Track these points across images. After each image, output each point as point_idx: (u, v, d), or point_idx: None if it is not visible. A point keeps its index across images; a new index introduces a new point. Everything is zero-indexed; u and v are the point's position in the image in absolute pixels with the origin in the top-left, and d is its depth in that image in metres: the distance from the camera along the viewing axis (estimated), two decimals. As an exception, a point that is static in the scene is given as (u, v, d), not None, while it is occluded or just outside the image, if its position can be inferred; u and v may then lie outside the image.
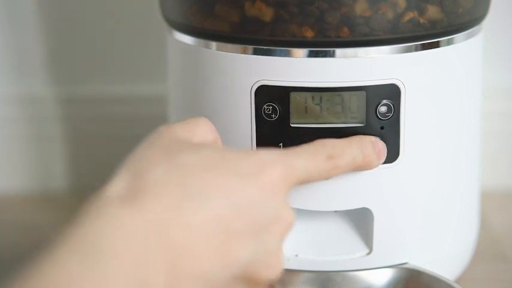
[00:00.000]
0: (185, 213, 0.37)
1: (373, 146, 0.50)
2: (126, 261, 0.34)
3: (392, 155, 0.52)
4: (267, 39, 0.51)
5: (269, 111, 0.52)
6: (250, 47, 0.51)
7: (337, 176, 0.47)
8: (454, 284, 0.53)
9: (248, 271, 0.39)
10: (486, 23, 0.58)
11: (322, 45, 0.50)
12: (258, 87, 0.51)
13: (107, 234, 0.35)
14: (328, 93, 0.51)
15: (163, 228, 0.36)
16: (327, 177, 0.46)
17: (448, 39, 0.53)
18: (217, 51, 0.53)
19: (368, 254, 0.55)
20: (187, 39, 0.55)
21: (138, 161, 0.39)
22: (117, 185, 0.38)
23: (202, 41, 0.54)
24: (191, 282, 0.37)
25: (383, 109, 0.51)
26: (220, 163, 0.40)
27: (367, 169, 0.50)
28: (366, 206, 0.53)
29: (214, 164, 0.39)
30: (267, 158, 0.41)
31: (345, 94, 0.51)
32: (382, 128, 0.52)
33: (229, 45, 0.52)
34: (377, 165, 0.51)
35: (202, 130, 0.44)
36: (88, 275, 0.33)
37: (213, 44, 0.53)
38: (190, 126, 0.44)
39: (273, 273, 0.40)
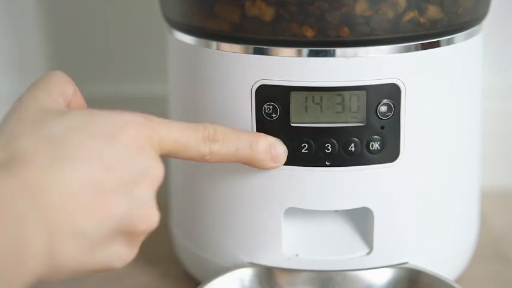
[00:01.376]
0: (57, 175, 0.39)
1: (269, 147, 0.51)
2: (1, 222, 0.36)
3: (392, 155, 0.52)
4: (267, 38, 0.51)
5: (269, 110, 0.52)
6: (251, 47, 0.51)
7: (218, 162, 0.49)
8: (454, 284, 0.53)
9: (124, 225, 0.41)
10: (486, 23, 0.58)
11: (322, 44, 0.50)
12: (259, 86, 0.51)
13: None
14: (328, 92, 0.51)
15: (38, 190, 0.38)
16: (202, 159, 0.48)
17: (448, 39, 0.53)
18: (218, 51, 0.53)
19: (368, 253, 0.55)
20: (187, 39, 0.55)
21: (6, 133, 0.41)
22: None
23: (202, 41, 0.54)
24: (70, 239, 0.39)
25: (383, 109, 0.51)
26: (86, 126, 0.41)
27: (258, 167, 0.51)
28: (366, 206, 0.53)
29: (81, 127, 0.41)
30: (131, 119, 0.43)
31: (345, 94, 0.51)
32: (382, 127, 0.52)
33: (230, 45, 0.52)
34: (271, 168, 0.51)
35: (59, 85, 0.46)
36: None
37: (213, 44, 0.53)
38: (49, 89, 0.45)
39: (147, 224, 0.42)
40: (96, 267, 0.41)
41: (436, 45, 0.52)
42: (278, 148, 0.51)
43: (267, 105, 0.51)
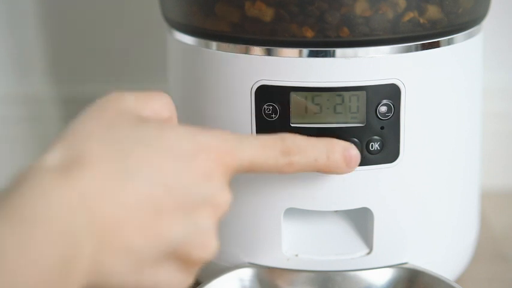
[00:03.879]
0: (116, 187, 0.37)
1: (343, 152, 0.49)
2: (52, 229, 0.35)
3: (392, 155, 0.52)
4: (267, 39, 0.51)
5: (269, 111, 0.52)
6: (251, 47, 0.51)
7: (295, 172, 0.47)
8: (454, 284, 0.53)
9: (180, 250, 0.40)
10: (486, 23, 0.58)
11: (322, 45, 0.50)
12: (258, 87, 0.51)
13: (36, 204, 0.35)
14: (328, 93, 0.51)
15: (93, 200, 0.36)
16: (280, 172, 0.46)
17: (448, 39, 0.53)
18: (218, 51, 0.53)
19: (368, 253, 0.55)
20: (187, 39, 0.55)
21: (77, 132, 0.39)
22: (53, 155, 0.38)
23: (202, 41, 0.54)
24: (118, 256, 0.37)
25: (383, 109, 0.51)
26: (158, 142, 0.40)
27: (333, 173, 0.50)
28: (366, 206, 0.53)
29: (151, 142, 0.40)
30: (205, 142, 0.41)
31: (345, 94, 0.51)
32: (382, 128, 0.52)
33: (230, 45, 0.52)
34: (347, 172, 0.50)
35: (156, 104, 0.44)
36: (12, 238, 0.34)
37: (213, 44, 0.53)
38: (144, 98, 0.44)
39: (205, 253, 0.41)
40: None
41: (436, 45, 0.52)
42: (351, 152, 0.49)
43: (267, 105, 0.51)
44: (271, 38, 0.50)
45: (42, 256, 0.34)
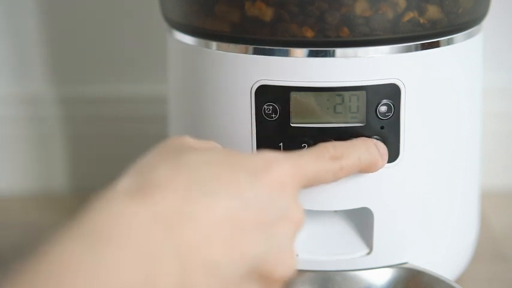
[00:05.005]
0: (195, 207, 0.37)
1: (376, 146, 0.50)
2: (135, 251, 0.35)
3: (392, 155, 0.52)
4: (267, 39, 0.51)
5: (269, 111, 0.52)
6: (251, 47, 0.51)
7: (344, 177, 0.47)
8: (454, 284, 0.53)
9: (261, 268, 0.39)
10: (486, 23, 0.58)
11: (322, 45, 0.50)
12: (258, 87, 0.51)
13: (116, 224, 0.35)
14: (328, 93, 0.51)
15: (173, 221, 0.36)
16: (335, 179, 0.46)
17: (448, 39, 0.53)
18: (217, 51, 0.53)
19: (368, 253, 0.55)
20: (187, 39, 0.55)
21: (146, 162, 0.40)
22: (125, 182, 0.38)
23: (202, 41, 0.54)
24: (204, 275, 0.37)
25: (383, 109, 0.51)
26: (228, 161, 0.40)
27: (372, 171, 0.50)
28: (366, 206, 0.53)
29: (221, 162, 0.40)
30: (273, 156, 0.42)
31: (345, 94, 0.51)
32: (382, 128, 0.52)
33: (230, 45, 0.52)
34: (381, 167, 0.51)
35: (211, 144, 0.45)
36: (96, 263, 0.33)
37: (213, 44, 0.53)
38: (200, 141, 0.44)
39: (285, 270, 0.40)
40: None
41: (436, 45, 0.52)
42: (381, 145, 0.51)
43: (267, 105, 0.51)
44: (271, 38, 0.50)
45: (130, 276, 0.34)
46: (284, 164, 0.41)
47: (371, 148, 0.50)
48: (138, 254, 0.35)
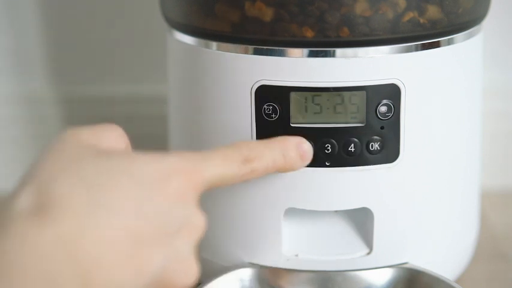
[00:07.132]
0: (93, 225, 0.37)
1: (297, 148, 0.50)
2: (35, 277, 0.34)
3: (392, 155, 0.52)
4: (267, 39, 0.51)
5: (269, 111, 0.52)
6: (250, 47, 0.51)
7: (256, 178, 0.47)
8: (454, 284, 0.53)
9: (162, 279, 0.39)
10: (486, 23, 0.58)
11: (322, 45, 0.50)
12: (258, 87, 0.51)
13: (15, 250, 0.35)
14: (328, 93, 0.51)
15: (72, 241, 0.36)
16: (243, 180, 0.46)
17: (448, 39, 0.53)
18: (218, 51, 0.53)
19: (368, 253, 0.55)
20: (187, 39, 0.55)
21: (43, 171, 0.39)
22: (23, 199, 0.37)
23: (202, 41, 0.54)
24: None
25: (383, 109, 0.51)
26: (128, 169, 0.39)
27: (289, 171, 0.50)
28: (366, 206, 0.53)
29: (121, 170, 0.39)
30: (172, 164, 0.41)
31: (345, 94, 0.51)
32: (382, 128, 0.52)
33: (230, 45, 0.52)
34: (301, 167, 0.50)
35: (111, 136, 0.44)
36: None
37: (213, 44, 0.53)
38: (99, 131, 0.43)
39: (187, 279, 0.40)
40: None
41: (436, 45, 0.52)
42: (304, 147, 0.50)
43: (267, 105, 0.51)
44: (271, 38, 0.50)
45: None
46: (183, 174, 0.41)
47: (288, 150, 0.49)
48: (37, 280, 0.34)
